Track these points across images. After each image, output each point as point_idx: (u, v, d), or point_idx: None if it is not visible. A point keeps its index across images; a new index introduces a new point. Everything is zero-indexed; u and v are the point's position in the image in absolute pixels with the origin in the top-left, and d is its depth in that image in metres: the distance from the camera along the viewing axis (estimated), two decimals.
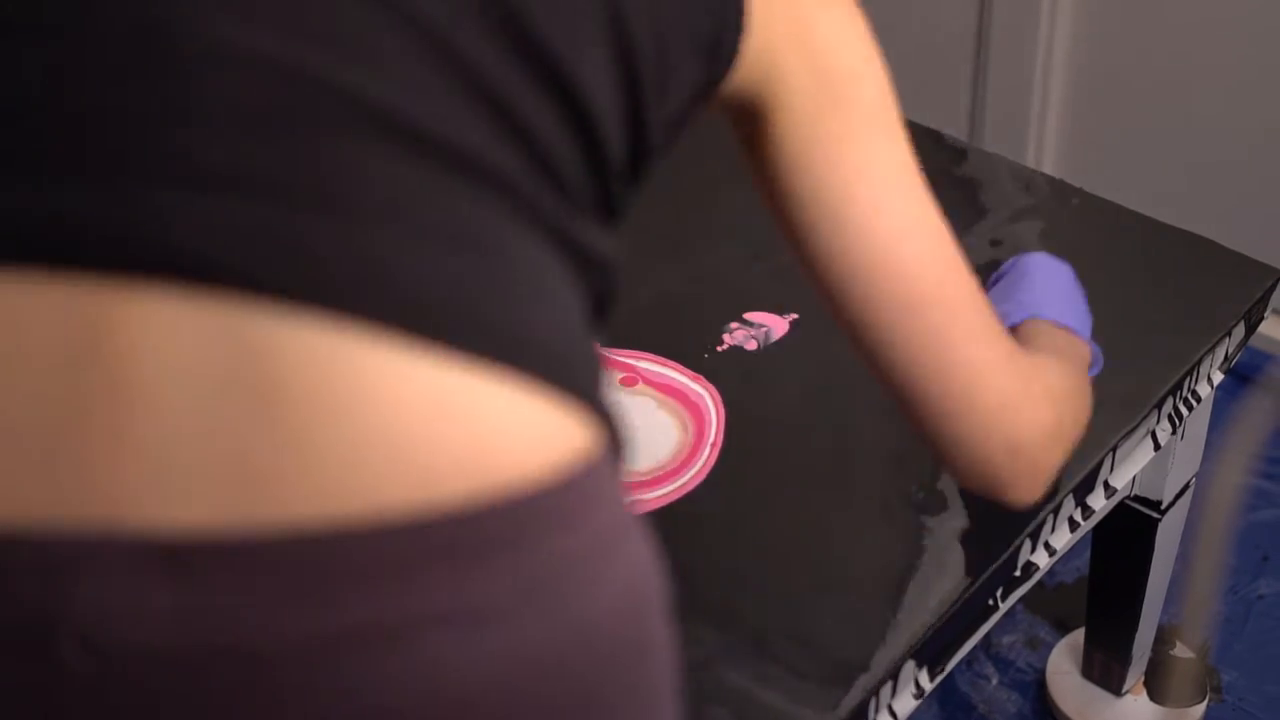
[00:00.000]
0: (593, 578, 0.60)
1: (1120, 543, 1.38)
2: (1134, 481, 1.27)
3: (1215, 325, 1.22)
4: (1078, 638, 1.57)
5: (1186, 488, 1.36)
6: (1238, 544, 1.74)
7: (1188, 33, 1.88)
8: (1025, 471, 0.85)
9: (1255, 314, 1.25)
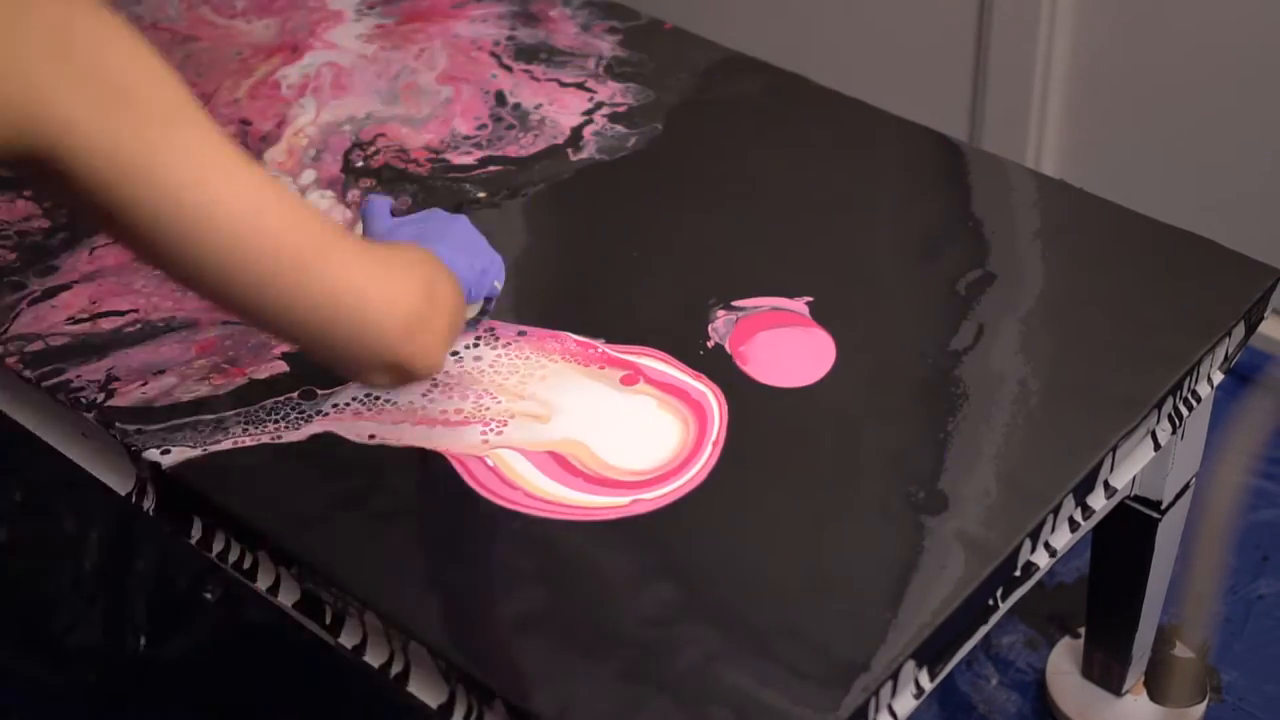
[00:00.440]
0: None
1: (1120, 543, 1.38)
2: (1134, 481, 1.28)
3: (1215, 325, 1.22)
4: (1078, 638, 1.58)
5: (1187, 488, 1.36)
6: (1238, 544, 1.74)
7: (1188, 33, 1.88)
8: (412, 334, 0.98)
9: (1255, 314, 1.26)
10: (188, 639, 1.71)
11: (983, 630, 1.09)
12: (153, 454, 1.13)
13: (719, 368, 1.18)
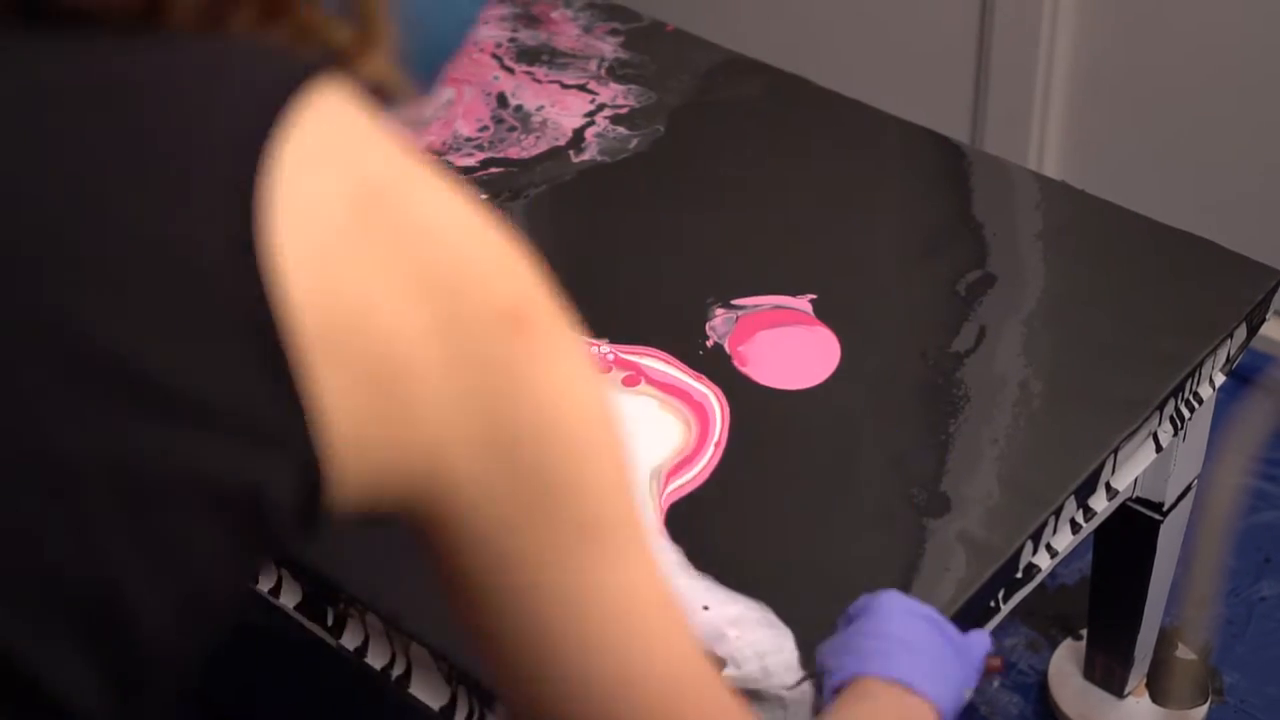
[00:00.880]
0: None
1: (1122, 545, 1.38)
2: (1136, 483, 1.27)
3: (1217, 327, 1.22)
4: (1080, 639, 1.58)
5: (1188, 489, 1.36)
6: (1239, 546, 1.74)
7: (1189, 34, 1.88)
8: None
9: (1257, 315, 1.26)
10: None
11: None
12: None
13: (719, 367, 1.18)
